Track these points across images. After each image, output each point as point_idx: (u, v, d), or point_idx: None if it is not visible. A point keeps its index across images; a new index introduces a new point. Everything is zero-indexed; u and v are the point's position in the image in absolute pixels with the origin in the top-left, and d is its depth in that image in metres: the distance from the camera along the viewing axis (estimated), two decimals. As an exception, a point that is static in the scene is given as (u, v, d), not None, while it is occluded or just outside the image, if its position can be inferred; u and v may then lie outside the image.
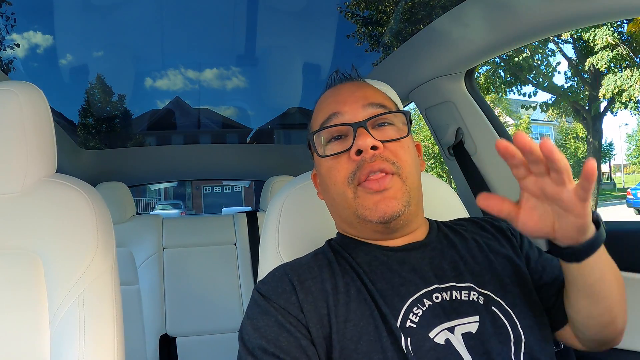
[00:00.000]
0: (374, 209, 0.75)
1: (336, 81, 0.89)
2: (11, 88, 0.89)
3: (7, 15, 1.90)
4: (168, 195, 24.88)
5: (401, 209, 0.75)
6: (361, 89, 0.84)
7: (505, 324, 0.73)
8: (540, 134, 28.52)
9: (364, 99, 0.81)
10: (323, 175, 0.83)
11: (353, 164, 0.76)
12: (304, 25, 2.23)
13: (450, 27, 1.29)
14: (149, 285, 2.26)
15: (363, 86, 0.86)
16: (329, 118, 0.81)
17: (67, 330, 0.80)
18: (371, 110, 0.79)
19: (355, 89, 0.84)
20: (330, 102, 0.83)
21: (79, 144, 2.44)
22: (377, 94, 0.84)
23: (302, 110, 2.81)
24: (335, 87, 0.87)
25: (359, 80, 0.89)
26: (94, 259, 0.84)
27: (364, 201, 0.76)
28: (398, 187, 0.75)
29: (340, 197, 0.79)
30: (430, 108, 1.57)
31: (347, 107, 0.80)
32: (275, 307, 0.73)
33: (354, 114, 0.79)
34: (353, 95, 0.82)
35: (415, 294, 0.74)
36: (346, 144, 0.78)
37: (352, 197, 0.77)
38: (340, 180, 0.78)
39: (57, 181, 0.91)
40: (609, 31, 9.19)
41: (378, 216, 0.75)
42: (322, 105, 0.85)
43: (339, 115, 0.80)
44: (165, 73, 2.55)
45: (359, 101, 0.81)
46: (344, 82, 0.88)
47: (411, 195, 0.77)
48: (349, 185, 0.77)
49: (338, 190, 0.79)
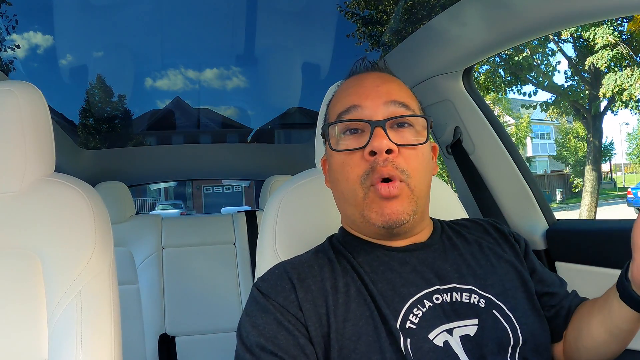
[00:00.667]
0: (379, 214, 0.74)
1: (361, 69, 0.85)
2: (10, 88, 0.89)
3: (7, 16, 1.91)
4: (168, 195, 24.88)
5: (406, 218, 0.74)
6: (386, 84, 0.79)
7: (506, 327, 0.72)
8: (541, 133, 28.53)
9: (387, 94, 0.77)
10: (334, 168, 0.80)
11: (367, 163, 0.74)
12: (304, 24, 2.23)
13: (448, 26, 1.29)
14: (148, 284, 2.26)
15: (388, 80, 0.81)
16: (348, 110, 0.77)
17: (65, 328, 0.80)
18: (393, 109, 0.76)
19: (379, 83, 0.79)
20: (351, 93, 0.79)
21: (79, 144, 2.44)
22: (402, 91, 0.80)
23: (302, 110, 2.81)
24: (359, 76, 0.83)
25: (385, 72, 0.84)
26: (92, 257, 0.85)
27: (372, 204, 0.74)
28: (405, 195, 0.74)
29: (350, 194, 0.77)
30: (428, 107, 1.57)
31: (369, 101, 0.76)
32: (274, 305, 0.72)
33: (374, 110, 0.76)
34: (376, 89, 0.78)
35: (415, 295, 0.73)
36: (361, 140, 0.75)
37: (362, 196, 0.75)
38: (352, 178, 0.76)
39: (55, 180, 0.91)
40: (609, 30, 9.18)
41: (382, 221, 0.73)
42: (342, 95, 0.82)
43: (359, 109, 0.76)
44: (166, 73, 2.56)
45: (382, 97, 0.76)
46: (369, 71, 0.84)
47: (418, 204, 0.76)
48: (362, 185, 0.75)
49: (349, 187, 0.76)
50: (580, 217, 10.66)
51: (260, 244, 0.97)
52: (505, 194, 1.48)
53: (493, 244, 0.86)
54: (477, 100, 1.48)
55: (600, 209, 11.28)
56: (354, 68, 0.86)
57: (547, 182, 22.45)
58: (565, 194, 21.56)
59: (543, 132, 28.89)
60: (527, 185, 1.44)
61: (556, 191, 21.48)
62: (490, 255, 0.83)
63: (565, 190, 21.72)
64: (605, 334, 0.71)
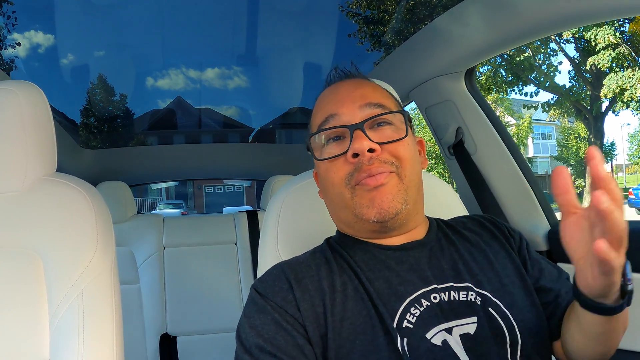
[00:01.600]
0: (370, 206, 0.74)
1: (335, 79, 0.87)
2: (11, 87, 0.89)
3: (9, 16, 1.91)
4: (169, 194, 24.89)
5: (398, 208, 0.74)
6: (359, 88, 0.82)
7: (502, 325, 0.72)
8: (542, 134, 28.51)
9: (361, 98, 0.79)
10: (321, 176, 0.82)
11: (350, 165, 0.76)
12: (305, 24, 2.22)
13: (451, 26, 1.28)
14: (149, 284, 2.26)
15: (362, 84, 0.84)
16: (326, 120, 0.80)
17: (66, 328, 0.80)
18: (369, 111, 0.78)
19: (353, 88, 0.82)
20: (327, 102, 0.82)
21: (80, 144, 2.44)
22: (376, 93, 0.82)
23: (303, 110, 2.81)
24: (334, 86, 0.85)
25: (357, 78, 0.87)
26: (94, 257, 0.85)
27: (361, 199, 0.75)
28: (394, 183, 0.75)
29: (338, 198, 0.78)
30: (430, 107, 1.57)
31: (345, 108, 0.79)
32: (272, 306, 0.72)
33: (351, 115, 0.78)
34: (351, 95, 0.80)
35: (413, 294, 0.73)
36: (343, 146, 0.77)
37: (350, 197, 0.76)
38: (337, 182, 0.77)
39: (57, 180, 0.91)
40: (610, 30, 9.17)
41: (375, 214, 0.74)
42: (320, 106, 0.84)
43: (336, 117, 0.79)
44: (167, 72, 2.55)
45: (357, 101, 0.79)
46: (343, 79, 0.86)
47: (408, 193, 0.76)
48: (347, 186, 0.76)
49: (336, 191, 0.78)
50: (581, 218, 10.61)
51: (262, 244, 0.97)
52: (507, 194, 1.48)
53: (490, 239, 0.86)
54: (479, 100, 1.48)
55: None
56: (328, 79, 0.89)
57: (548, 182, 22.41)
58: (566, 194, 21.45)
59: (544, 133, 28.88)
60: (529, 186, 1.44)
61: (557, 192, 21.39)
62: (487, 250, 0.83)
63: (566, 191, 21.61)
64: (583, 338, 0.70)
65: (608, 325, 0.65)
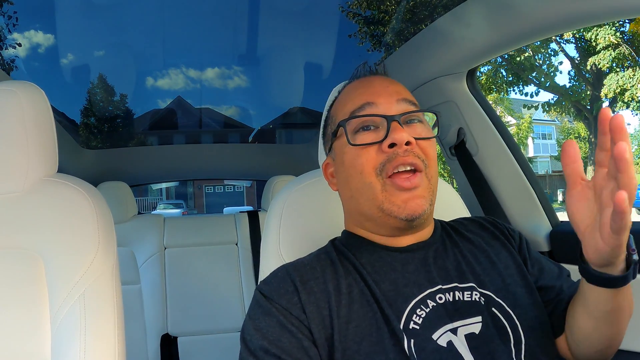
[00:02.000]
0: (402, 207, 0.74)
1: (365, 73, 0.88)
2: (12, 88, 0.89)
3: (10, 16, 1.90)
4: (170, 194, 24.89)
5: (426, 209, 0.75)
6: (393, 85, 0.83)
7: (505, 325, 0.73)
8: (542, 134, 28.50)
9: (397, 93, 0.80)
10: (347, 164, 0.80)
11: (383, 155, 0.75)
12: (306, 24, 2.22)
13: (452, 27, 1.28)
14: (150, 284, 2.26)
15: (394, 82, 0.85)
16: (362, 107, 0.79)
17: (68, 329, 0.80)
18: (405, 106, 0.79)
19: (388, 84, 0.83)
20: (362, 92, 0.82)
21: (81, 144, 2.44)
22: (408, 92, 0.84)
23: (303, 110, 2.81)
24: (366, 79, 0.86)
25: (388, 77, 0.88)
26: (95, 258, 0.84)
27: (392, 197, 0.75)
28: (425, 185, 0.75)
29: (366, 188, 0.77)
30: (431, 108, 1.57)
31: (382, 99, 0.79)
32: (277, 308, 0.72)
33: (387, 107, 0.78)
34: (387, 88, 0.81)
35: (418, 295, 0.73)
36: (377, 135, 0.77)
37: (380, 189, 0.75)
38: (367, 170, 0.76)
39: (58, 181, 0.91)
40: (611, 31, 9.18)
41: (406, 214, 0.74)
42: (351, 95, 0.83)
43: (373, 105, 0.79)
44: (167, 72, 2.55)
45: (393, 95, 0.80)
46: (374, 74, 0.87)
47: (434, 194, 0.78)
48: (377, 177, 0.76)
49: (364, 180, 0.77)
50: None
51: (264, 246, 0.97)
52: (508, 195, 1.48)
53: (491, 239, 0.87)
54: (481, 101, 1.48)
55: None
56: (356, 72, 0.89)
57: (549, 182, 22.45)
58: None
59: (544, 132, 28.87)
60: (531, 187, 1.44)
61: (558, 192, 21.46)
62: (489, 251, 0.83)
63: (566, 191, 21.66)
64: (590, 321, 0.70)
65: (614, 302, 0.66)
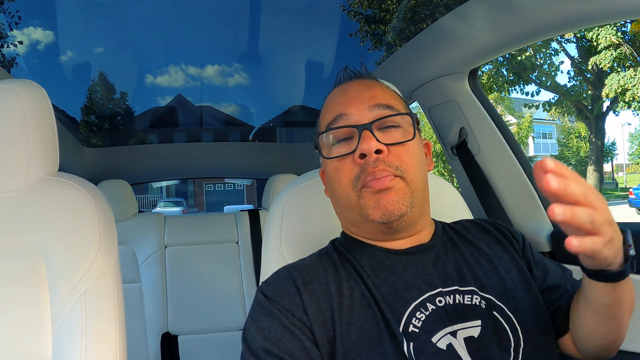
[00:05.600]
0: (375, 207, 0.74)
1: (344, 79, 0.88)
2: (13, 86, 0.88)
3: (10, 12, 1.90)
4: (170, 192, 24.90)
5: (403, 210, 0.74)
6: (369, 89, 0.82)
7: (506, 328, 0.73)
8: (543, 133, 28.49)
9: (370, 99, 0.80)
10: (329, 175, 0.82)
11: (357, 166, 0.76)
12: (307, 23, 2.22)
13: (455, 26, 1.28)
14: (150, 283, 2.26)
15: (371, 85, 0.84)
16: (335, 119, 0.80)
17: (69, 328, 0.80)
18: (377, 112, 0.78)
19: (363, 89, 0.82)
20: (337, 103, 0.82)
21: (81, 142, 2.44)
22: (385, 94, 0.83)
23: (304, 108, 2.80)
24: (343, 86, 0.86)
25: (367, 78, 0.87)
26: (96, 257, 0.84)
27: (366, 201, 0.75)
28: (400, 186, 0.75)
29: (345, 199, 0.78)
30: (433, 107, 1.57)
31: (354, 108, 0.79)
32: (279, 309, 0.72)
33: (360, 115, 0.78)
34: (360, 95, 0.81)
35: (418, 298, 0.73)
36: (351, 146, 0.77)
37: (356, 199, 0.76)
38: (344, 183, 0.77)
39: (59, 179, 0.91)
40: (612, 30, 9.17)
41: (380, 214, 0.74)
42: (329, 105, 0.84)
43: (345, 117, 0.79)
44: (167, 70, 2.55)
45: (366, 102, 0.79)
46: (352, 79, 0.87)
47: (414, 197, 0.76)
48: (353, 189, 0.76)
49: (343, 192, 0.78)
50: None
51: (266, 245, 0.97)
52: (510, 195, 1.48)
53: (493, 242, 0.86)
54: (483, 101, 1.48)
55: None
56: (337, 78, 0.89)
57: (549, 181, 22.39)
58: (566, 193, 21.49)
59: (545, 132, 28.88)
60: (533, 187, 1.44)
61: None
62: (491, 254, 0.83)
63: (566, 190, 21.65)
64: (592, 315, 0.70)
65: (615, 295, 0.66)
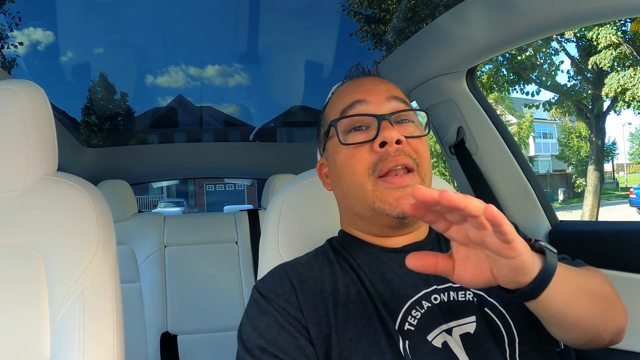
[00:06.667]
0: (394, 205, 0.74)
1: (356, 74, 0.88)
2: (12, 87, 0.89)
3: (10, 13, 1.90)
4: (170, 193, 24.89)
5: None
6: (384, 84, 0.84)
7: (499, 324, 0.73)
8: (543, 133, 28.46)
9: (387, 92, 0.81)
10: (339, 164, 0.80)
11: (375, 155, 0.75)
12: (307, 23, 2.22)
13: (453, 26, 1.28)
14: (150, 283, 2.26)
15: (385, 82, 0.85)
16: (352, 105, 0.79)
17: (67, 327, 0.80)
18: (395, 104, 0.79)
19: (377, 83, 0.83)
20: (352, 92, 0.82)
21: (81, 142, 2.44)
22: (399, 91, 0.84)
23: (304, 109, 2.81)
24: (356, 79, 0.86)
25: (378, 77, 0.88)
26: (95, 257, 0.85)
27: (383, 195, 0.75)
28: (418, 184, 0.75)
29: (357, 188, 0.77)
30: (431, 107, 1.57)
31: (372, 97, 0.79)
32: (274, 307, 0.73)
33: (378, 106, 0.78)
34: (377, 87, 0.82)
35: (414, 296, 0.74)
36: (368, 135, 0.77)
37: (371, 189, 0.76)
38: (359, 171, 0.77)
39: (58, 179, 0.91)
40: (612, 30, 9.15)
41: (398, 212, 0.74)
42: (342, 94, 0.84)
43: (363, 103, 0.79)
44: (167, 70, 2.55)
45: (383, 93, 0.80)
46: (364, 76, 0.88)
47: None
48: (369, 177, 0.76)
49: (356, 181, 0.77)
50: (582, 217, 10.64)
51: (263, 244, 0.97)
52: (508, 194, 1.48)
53: None
54: (481, 100, 1.48)
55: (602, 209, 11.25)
56: (349, 73, 0.89)
57: (550, 181, 22.44)
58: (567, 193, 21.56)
59: (545, 132, 28.84)
60: (530, 186, 1.44)
61: (558, 191, 21.46)
62: None
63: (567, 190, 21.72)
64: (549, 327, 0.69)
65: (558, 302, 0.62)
